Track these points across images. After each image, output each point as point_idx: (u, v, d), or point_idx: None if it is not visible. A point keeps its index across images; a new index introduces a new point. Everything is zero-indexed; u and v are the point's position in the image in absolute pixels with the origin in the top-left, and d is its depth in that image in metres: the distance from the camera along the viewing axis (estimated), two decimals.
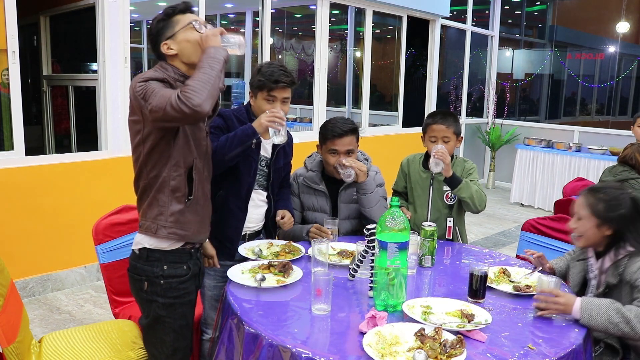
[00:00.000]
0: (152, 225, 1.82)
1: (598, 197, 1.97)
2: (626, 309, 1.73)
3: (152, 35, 1.83)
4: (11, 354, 1.83)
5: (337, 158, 2.47)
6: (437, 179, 2.66)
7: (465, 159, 2.75)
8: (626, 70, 11.04)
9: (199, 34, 1.77)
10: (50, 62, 5.54)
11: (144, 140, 1.77)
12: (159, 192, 1.81)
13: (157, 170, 1.79)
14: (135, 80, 1.73)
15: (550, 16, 10.96)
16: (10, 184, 3.55)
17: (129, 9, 4.06)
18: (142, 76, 1.74)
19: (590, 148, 6.71)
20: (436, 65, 7.09)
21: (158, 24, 1.81)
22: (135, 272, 1.87)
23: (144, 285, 1.85)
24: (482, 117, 8.42)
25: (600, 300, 1.77)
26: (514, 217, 6.46)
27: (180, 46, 1.79)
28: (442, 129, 2.57)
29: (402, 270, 1.79)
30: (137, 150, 1.80)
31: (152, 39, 1.84)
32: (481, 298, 1.89)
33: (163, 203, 1.80)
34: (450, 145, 2.57)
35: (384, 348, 1.50)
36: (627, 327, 1.71)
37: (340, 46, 8.19)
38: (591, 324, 1.73)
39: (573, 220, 2.03)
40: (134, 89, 1.72)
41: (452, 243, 2.69)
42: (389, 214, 1.78)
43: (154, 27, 1.81)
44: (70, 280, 3.91)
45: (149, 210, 1.82)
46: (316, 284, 1.73)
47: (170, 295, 1.85)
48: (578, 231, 2.00)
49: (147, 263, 1.84)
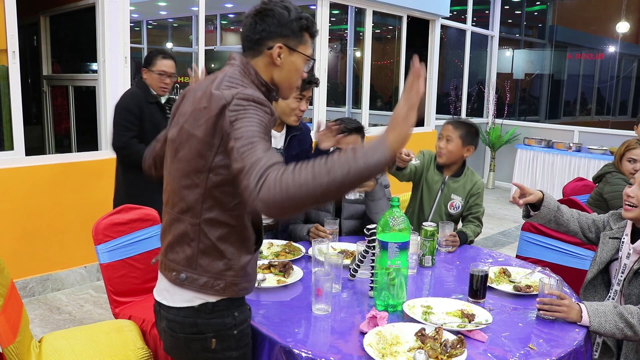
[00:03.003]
0: (216, 283, 1.42)
1: None
2: (627, 313, 1.73)
3: (270, 20, 1.43)
4: (11, 354, 1.83)
5: None
6: (449, 185, 2.69)
7: (475, 172, 2.78)
8: (626, 70, 11.03)
9: (303, 72, 1.52)
10: (50, 62, 5.54)
11: (210, 169, 1.36)
12: (223, 241, 1.41)
13: (223, 213, 1.39)
14: (230, 92, 1.33)
15: (550, 16, 10.96)
16: (10, 184, 3.55)
17: (129, 9, 4.05)
18: (238, 87, 1.35)
19: (590, 148, 6.71)
20: (436, 65, 7.09)
21: (285, 14, 1.43)
22: (196, 331, 1.44)
23: (211, 343, 1.45)
24: (482, 117, 8.42)
25: (605, 307, 1.76)
26: (514, 217, 6.45)
27: (288, 66, 1.47)
28: (448, 129, 2.65)
29: (402, 270, 1.79)
30: (193, 178, 1.38)
31: (264, 24, 1.43)
32: (482, 298, 1.89)
33: (232, 255, 1.42)
34: (451, 146, 2.63)
35: (385, 348, 1.50)
36: (631, 332, 1.71)
37: (340, 46, 8.19)
38: (601, 330, 1.73)
39: (634, 188, 1.96)
40: (226, 105, 1.31)
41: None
42: (389, 214, 1.78)
43: (277, 11, 1.43)
44: (70, 280, 3.90)
45: (206, 263, 1.42)
46: (316, 283, 1.73)
47: (244, 344, 1.52)
48: (637, 200, 1.93)
49: (214, 316, 1.44)
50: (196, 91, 1.44)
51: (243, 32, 1.47)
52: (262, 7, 1.44)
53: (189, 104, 1.44)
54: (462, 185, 2.71)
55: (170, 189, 1.48)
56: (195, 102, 1.40)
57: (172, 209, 1.46)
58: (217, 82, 1.38)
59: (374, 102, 7.00)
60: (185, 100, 1.49)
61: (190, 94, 1.48)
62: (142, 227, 2.63)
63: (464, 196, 2.70)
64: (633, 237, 2.00)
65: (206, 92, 1.37)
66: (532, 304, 1.87)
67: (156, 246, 2.67)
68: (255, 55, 1.46)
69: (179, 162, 1.42)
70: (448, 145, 2.64)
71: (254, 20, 1.44)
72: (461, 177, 2.72)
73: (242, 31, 1.47)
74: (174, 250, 1.45)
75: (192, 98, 1.44)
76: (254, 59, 1.46)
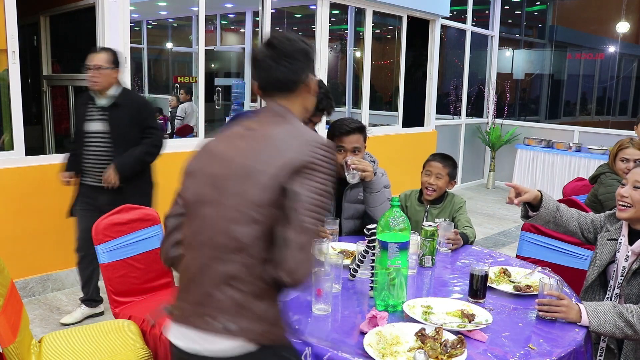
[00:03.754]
0: (272, 331, 1.32)
1: None
2: (627, 312, 1.73)
3: (299, 56, 1.44)
4: (11, 354, 1.83)
5: (344, 155, 2.53)
6: (431, 212, 2.77)
7: (454, 194, 2.85)
8: (626, 70, 11.03)
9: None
10: (50, 62, 5.54)
11: (275, 204, 1.29)
12: (272, 287, 1.32)
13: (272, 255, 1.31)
14: (311, 153, 1.31)
15: (550, 16, 10.96)
16: (10, 184, 3.55)
17: (129, 9, 4.06)
18: (321, 160, 1.32)
19: (590, 148, 6.71)
20: (436, 65, 7.09)
21: (302, 45, 1.46)
22: None
23: None
24: (482, 117, 8.42)
25: (604, 307, 1.75)
26: (514, 217, 6.45)
27: (314, 89, 1.51)
28: (438, 166, 2.75)
29: (402, 270, 1.79)
30: (251, 213, 1.29)
31: (298, 62, 1.44)
32: (482, 298, 1.89)
33: (277, 300, 1.36)
34: (441, 182, 2.74)
35: (385, 348, 1.50)
36: (631, 330, 1.71)
37: (340, 46, 8.19)
38: (600, 331, 1.73)
39: (626, 188, 1.95)
40: (305, 164, 1.30)
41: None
42: (389, 214, 1.78)
43: (299, 46, 1.45)
44: (70, 280, 3.90)
45: (262, 309, 1.31)
46: (316, 284, 1.73)
47: None
48: (632, 200, 1.92)
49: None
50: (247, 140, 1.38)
51: (274, 75, 1.43)
52: (288, 49, 1.43)
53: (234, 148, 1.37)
54: (444, 209, 2.78)
55: (206, 230, 1.34)
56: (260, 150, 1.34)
57: (206, 251, 1.33)
58: (300, 145, 1.32)
59: (374, 102, 6.99)
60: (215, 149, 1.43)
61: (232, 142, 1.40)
62: (142, 227, 2.63)
63: (446, 216, 2.74)
64: (630, 238, 1.99)
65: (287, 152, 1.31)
66: (532, 304, 1.87)
67: (156, 246, 2.67)
68: (292, 92, 1.45)
69: (229, 198, 1.31)
70: (438, 182, 2.73)
71: (288, 62, 1.42)
72: (442, 203, 2.79)
73: (273, 75, 1.43)
74: (213, 297, 1.30)
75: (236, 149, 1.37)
76: (291, 95, 1.45)
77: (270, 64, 1.42)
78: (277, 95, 1.45)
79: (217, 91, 7.57)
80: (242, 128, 1.42)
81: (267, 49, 1.44)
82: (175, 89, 7.59)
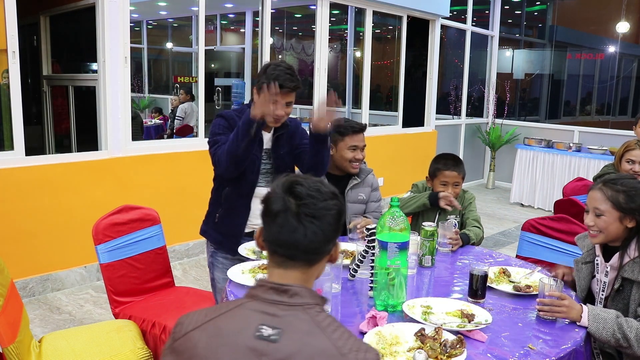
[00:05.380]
0: None
1: (616, 189, 1.84)
2: (627, 326, 1.71)
3: (331, 220, 1.15)
4: (11, 354, 1.83)
5: (356, 153, 2.65)
6: (444, 211, 2.72)
7: (465, 189, 2.83)
8: (626, 70, 11.03)
9: None
10: (50, 62, 5.54)
11: None
12: None
13: None
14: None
15: (550, 16, 10.95)
16: (10, 184, 3.55)
17: (129, 9, 4.05)
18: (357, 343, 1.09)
19: (590, 148, 6.71)
20: (436, 65, 7.09)
21: (343, 214, 1.20)
22: None
23: None
24: (482, 117, 8.42)
25: (607, 314, 1.74)
26: (514, 217, 6.46)
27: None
28: (454, 175, 2.70)
29: (402, 270, 1.79)
30: None
31: (329, 226, 1.15)
32: (481, 298, 1.89)
33: None
34: (458, 189, 2.72)
35: (384, 348, 1.50)
36: (626, 343, 1.71)
37: (340, 46, 8.19)
38: (597, 335, 1.73)
39: (590, 216, 1.91)
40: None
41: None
42: (389, 213, 1.78)
43: (344, 212, 1.22)
44: (70, 280, 3.90)
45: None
46: (316, 283, 1.73)
47: None
48: (598, 227, 1.89)
49: None
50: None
51: (305, 245, 1.12)
52: (319, 205, 1.13)
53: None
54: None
55: None
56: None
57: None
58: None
59: (374, 102, 6.99)
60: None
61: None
62: (142, 227, 2.63)
63: (457, 213, 2.73)
64: (605, 255, 1.96)
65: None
66: (532, 304, 1.87)
67: (156, 246, 2.68)
68: (318, 260, 1.17)
69: None
70: (456, 189, 2.70)
71: (316, 224, 1.11)
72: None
73: (294, 237, 1.11)
74: None
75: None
76: (314, 266, 1.17)
77: (293, 223, 1.11)
78: (292, 267, 1.14)
79: (217, 91, 7.57)
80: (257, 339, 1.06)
81: (290, 197, 1.12)
82: (175, 89, 7.58)
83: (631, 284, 1.85)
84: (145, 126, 7.25)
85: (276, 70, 2.22)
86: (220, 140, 2.28)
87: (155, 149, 4.37)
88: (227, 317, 1.10)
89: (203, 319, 1.12)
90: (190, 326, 1.12)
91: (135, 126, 4.91)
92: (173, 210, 4.21)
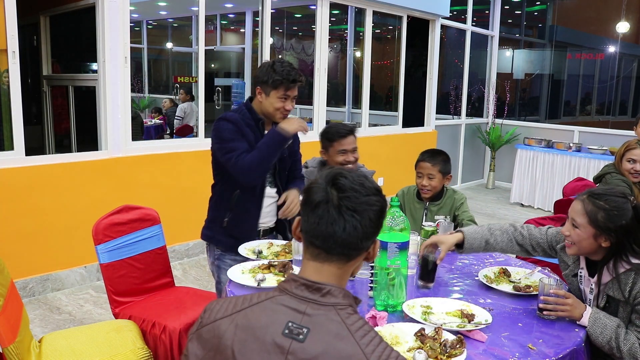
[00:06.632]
0: None
1: (598, 205, 1.75)
2: (623, 339, 1.70)
3: (381, 215, 1.16)
4: (11, 354, 1.83)
5: (346, 156, 2.69)
6: (430, 209, 2.75)
7: (455, 190, 2.83)
8: (626, 70, 11.03)
9: None
10: (50, 62, 5.54)
11: None
12: None
13: None
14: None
15: (550, 16, 10.96)
16: (10, 184, 3.55)
17: (129, 9, 4.05)
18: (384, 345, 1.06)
19: (590, 148, 6.71)
20: (436, 65, 7.09)
21: (385, 209, 1.19)
22: None
23: None
24: (482, 117, 8.42)
25: (609, 321, 1.73)
26: (514, 217, 6.46)
27: None
28: (427, 167, 2.71)
29: (402, 270, 1.79)
30: None
31: (371, 222, 1.12)
32: (430, 282, 2.02)
33: None
34: (434, 182, 2.70)
35: None
36: (618, 353, 1.71)
37: (340, 46, 8.19)
38: (593, 338, 1.73)
39: (567, 225, 1.85)
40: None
41: None
42: (389, 214, 1.78)
43: (386, 208, 1.20)
44: (70, 280, 3.90)
45: None
46: None
47: None
48: (572, 239, 1.83)
49: None
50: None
51: (343, 238, 1.09)
52: (361, 199, 1.10)
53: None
54: (444, 206, 2.75)
55: None
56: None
57: None
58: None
59: (374, 102, 6.99)
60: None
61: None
62: (142, 227, 2.63)
63: (447, 213, 2.72)
64: (589, 269, 1.90)
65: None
66: (532, 304, 1.87)
67: (156, 246, 2.68)
68: (355, 257, 1.13)
69: None
70: (431, 182, 2.70)
71: (357, 219, 1.09)
72: (442, 199, 2.77)
73: (333, 231, 1.08)
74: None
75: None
76: (350, 262, 1.13)
77: (333, 215, 1.08)
78: (329, 261, 1.11)
79: (217, 91, 7.56)
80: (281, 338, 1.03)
81: (332, 189, 1.10)
82: (175, 89, 7.58)
83: (617, 301, 1.79)
84: (145, 126, 7.25)
85: (284, 66, 2.32)
86: (236, 147, 2.27)
87: (155, 149, 4.37)
88: (257, 309, 1.08)
89: (232, 308, 1.10)
90: (220, 314, 1.10)
91: (135, 126, 4.91)
92: (173, 210, 4.21)
